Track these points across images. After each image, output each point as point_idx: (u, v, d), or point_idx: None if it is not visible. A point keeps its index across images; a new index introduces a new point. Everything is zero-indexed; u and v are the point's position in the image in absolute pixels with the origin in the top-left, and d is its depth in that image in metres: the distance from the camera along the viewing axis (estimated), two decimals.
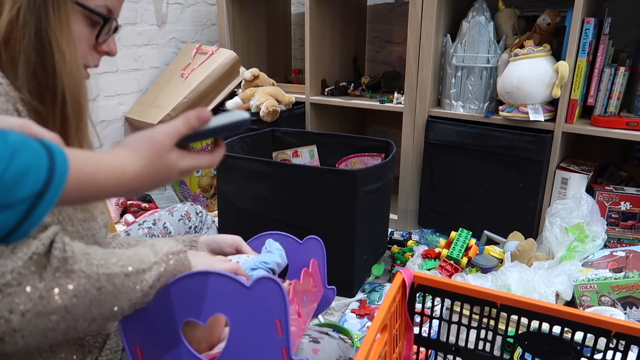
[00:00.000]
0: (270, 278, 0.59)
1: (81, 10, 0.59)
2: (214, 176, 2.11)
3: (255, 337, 0.60)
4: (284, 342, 0.59)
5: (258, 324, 0.59)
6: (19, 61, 0.54)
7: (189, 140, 0.53)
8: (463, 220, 1.75)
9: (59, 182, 0.36)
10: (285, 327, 0.58)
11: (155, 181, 0.50)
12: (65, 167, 0.37)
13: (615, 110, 1.57)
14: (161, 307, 0.59)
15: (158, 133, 0.50)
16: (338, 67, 2.20)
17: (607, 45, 1.52)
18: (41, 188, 0.35)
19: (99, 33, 0.62)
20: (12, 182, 0.34)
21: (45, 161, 0.36)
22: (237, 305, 0.59)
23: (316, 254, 0.84)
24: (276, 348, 0.59)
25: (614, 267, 1.32)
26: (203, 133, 0.54)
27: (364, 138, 1.82)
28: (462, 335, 0.84)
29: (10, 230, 0.35)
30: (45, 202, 0.36)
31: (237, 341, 0.60)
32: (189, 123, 0.53)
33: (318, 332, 0.80)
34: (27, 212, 0.35)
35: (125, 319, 0.60)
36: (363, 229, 1.46)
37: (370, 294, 1.49)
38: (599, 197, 1.58)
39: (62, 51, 0.56)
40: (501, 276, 1.34)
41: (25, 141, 0.36)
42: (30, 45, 0.54)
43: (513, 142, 1.62)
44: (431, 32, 1.70)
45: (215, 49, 2.05)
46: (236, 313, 0.60)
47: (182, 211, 1.09)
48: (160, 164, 0.50)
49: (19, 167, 0.34)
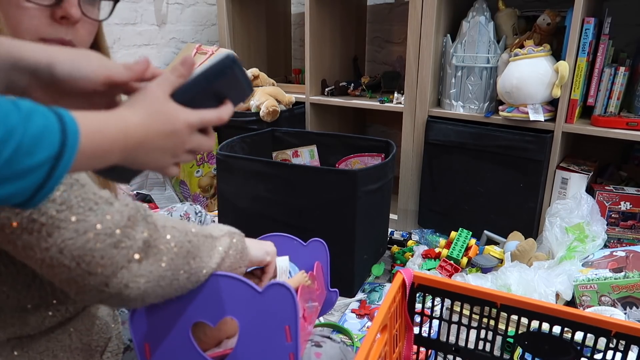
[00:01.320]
0: (281, 284, 0.59)
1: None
2: (214, 176, 2.11)
3: (264, 341, 0.60)
4: (292, 348, 0.59)
5: (267, 328, 0.60)
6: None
7: (184, 92, 0.49)
8: (463, 220, 1.75)
9: (73, 142, 0.37)
10: (295, 333, 0.59)
11: (160, 132, 0.46)
12: (76, 127, 0.38)
13: (615, 110, 1.57)
14: (173, 307, 0.60)
15: (149, 85, 0.48)
16: (338, 67, 2.20)
17: (607, 45, 1.52)
18: (58, 149, 0.36)
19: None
20: (32, 146, 0.35)
21: (56, 123, 0.37)
22: (248, 309, 0.60)
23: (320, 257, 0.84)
24: (284, 354, 0.59)
25: (614, 267, 1.32)
26: (195, 81, 0.50)
27: (364, 138, 1.82)
28: (462, 335, 0.84)
29: (32, 194, 0.36)
30: (64, 163, 0.37)
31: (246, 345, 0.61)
32: (175, 70, 0.49)
33: (320, 336, 0.80)
34: (48, 175, 0.36)
35: (135, 316, 0.60)
36: (363, 229, 1.46)
37: (370, 294, 1.49)
38: (599, 197, 1.58)
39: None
40: (501, 276, 1.34)
41: (34, 106, 0.37)
42: None
43: (513, 142, 1.62)
44: (431, 32, 1.70)
45: (215, 49, 2.05)
46: (246, 317, 0.60)
47: (181, 211, 1.09)
48: (159, 111, 0.46)
49: (35, 131, 0.35)
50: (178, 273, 0.54)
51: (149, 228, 0.51)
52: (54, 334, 0.60)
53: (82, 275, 0.47)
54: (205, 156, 2.09)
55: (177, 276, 0.54)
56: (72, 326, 0.62)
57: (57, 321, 0.60)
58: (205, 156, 2.09)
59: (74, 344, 0.61)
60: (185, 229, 0.56)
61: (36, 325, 0.58)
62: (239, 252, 0.63)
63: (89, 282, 0.47)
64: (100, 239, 0.47)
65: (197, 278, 0.57)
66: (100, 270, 0.47)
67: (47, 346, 0.59)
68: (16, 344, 0.57)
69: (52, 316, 0.59)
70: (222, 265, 0.60)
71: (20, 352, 0.57)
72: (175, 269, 0.53)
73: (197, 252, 0.56)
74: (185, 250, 0.54)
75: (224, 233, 0.63)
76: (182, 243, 0.54)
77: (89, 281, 0.47)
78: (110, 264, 0.47)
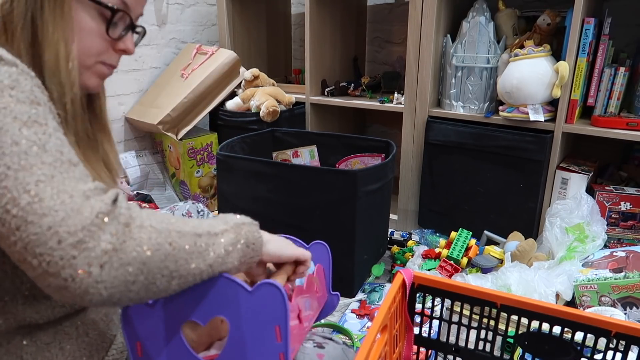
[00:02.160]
0: (271, 283, 0.58)
1: (90, 3, 0.58)
2: (214, 176, 2.11)
3: (254, 341, 0.60)
4: (282, 348, 0.59)
5: (257, 328, 0.59)
6: (20, 50, 0.54)
7: None
8: (463, 220, 1.75)
9: None
10: (285, 333, 0.58)
11: None
12: None
13: (615, 110, 1.57)
14: (163, 305, 0.60)
15: None
16: (338, 67, 2.20)
17: (607, 45, 1.52)
18: None
19: (108, 27, 0.61)
20: None
21: None
22: (238, 309, 0.59)
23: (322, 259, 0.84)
24: (274, 354, 0.59)
25: (614, 267, 1.32)
26: None
27: (364, 138, 1.82)
28: (462, 335, 0.84)
29: None
30: None
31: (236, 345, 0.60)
32: None
33: (322, 337, 0.80)
34: None
35: (127, 314, 0.60)
36: (363, 229, 1.46)
37: (371, 294, 1.50)
38: (599, 197, 1.58)
39: (55, 42, 0.55)
40: (501, 276, 1.34)
41: None
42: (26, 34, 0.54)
43: (513, 142, 1.62)
44: (431, 32, 1.70)
45: (215, 49, 2.05)
46: (236, 316, 0.60)
47: (184, 210, 1.09)
48: None
49: None
50: (154, 277, 0.50)
51: (118, 230, 0.47)
52: (61, 325, 0.61)
53: (43, 275, 0.44)
54: (206, 156, 2.09)
55: (153, 280, 0.50)
56: (79, 319, 0.63)
57: (66, 312, 0.61)
58: (206, 156, 2.09)
59: (81, 337, 0.62)
60: (168, 228, 0.52)
61: (46, 315, 0.58)
62: (250, 244, 0.60)
63: (50, 284, 0.45)
64: (62, 238, 0.44)
65: (184, 280, 0.53)
66: (59, 272, 0.44)
67: (54, 337, 0.60)
68: (25, 333, 0.58)
69: (61, 306, 0.60)
70: (227, 262, 0.57)
71: (29, 341, 0.58)
72: (148, 273, 0.49)
73: (181, 254, 0.52)
74: (162, 254, 0.50)
75: (229, 227, 0.59)
76: (159, 246, 0.50)
77: (49, 282, 0.45)
78: (69, 266, 0.44)
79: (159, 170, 2.20)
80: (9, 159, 0.45)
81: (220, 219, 0.60)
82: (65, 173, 0.47)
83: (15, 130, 0.46)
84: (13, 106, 0.47)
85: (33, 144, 0.46)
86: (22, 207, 0.44)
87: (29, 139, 0.46)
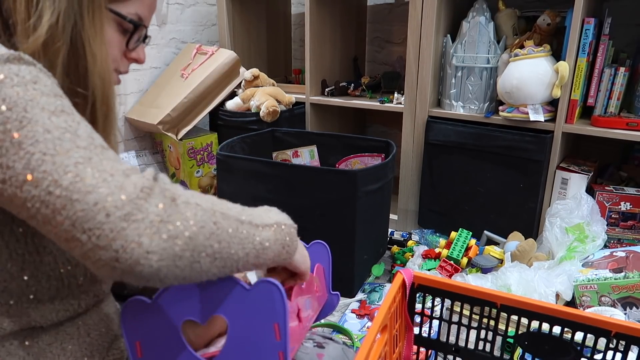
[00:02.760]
0: (270, 281, 0.58)
1: (113, 17, 0.62)
2: (214, 176, 2.11)
3: (253, 340, 0.59)
4: (281, 346, 0.59)
5: (256, 326, 0.59)
6: (56, 64, 0.56)
7: None
8: (463, 220, 1.75)
9: None
10: (284, 332, 0.58)
11: None
12: None
13: (615, 110, 1.57)
14: (162, 304, 0.60)
15: None
16: (338, 68, 2.20)
17: (607, 45, 1.52)
18: None
19: (129, 40, 0.65)
20: None
21: None
22: (236, 307, 0.59)
23: (321, 259, 0.83)
24: (274, 352, 0.59)
25: (614, 268, 1.32)
26: None
27: (364, 138, 1.82)
28: (462, 335, 0.84)
29: None
30: None
31: (235, 343, 0.60)
32: None
33: (322, 337, 0.80)
34: None
35: (127, 314, 0.60)
36: (363, 229, 1.46)
37: (371, 294, 1.50)
38: (599, 198, 1.58)
39: (94, 54, 0.58)
40: (501, 276, 1.34)
41: None
42: (66, 49, 0.56)
43: (513, 143, 1.62)
44: (431, 32, 1.70)
45: (215, 49, 2.05)
46: (235, 315, 0.60)
47: None
48: None
49: None
50: (199, 255, 0.50)
51: (165, 203, 0.48)
52: (63, 326, 0.61)
53: (94, 249, 0.46)
54: (206, 156, 2.09)
55: (197, 259, 0.50)
56: (80, 320, 0.63)
57: (69, 315, 0.61)
58: (206, 156, 2.09)
59: (82, 337, 0.63)
60: (213, 208, 0.52)
61: (49, 317, 0.59)
62: (285, 246, 0.61)
63: (100, 257, 0.46)
64: (110, 211, 0.45)
65: (223, 264, 0.53)
66: (110, 245, 0.45)
67: (56, 338, 0.60)
68: (28, 334, 0.59)
69: (65, 310, 0.60)
70: (261, 256, 0.57)
71: (31, 342, 0.58)
72: (194, 250, 0.49)
73: (224, 235, 0.52)
74: (207, 231, 0.50)
75: (271, 222, 0.59)
76: (205, 223, 0.50)
77: (100, 256, 0.46)
78: (120, 237, 0.46)
79: (159, 170, 2.20)
80: (43, 145, 0.46)
81: (263, 211, 0.61)
82: (101, 154, 0.49)
83: (45, 120, 0.47)
84: (39, 98, 0.48)
85: (65, 130, 0.48)
86: (65, 187, 0.45)
87: (60, 126, 0.48)
